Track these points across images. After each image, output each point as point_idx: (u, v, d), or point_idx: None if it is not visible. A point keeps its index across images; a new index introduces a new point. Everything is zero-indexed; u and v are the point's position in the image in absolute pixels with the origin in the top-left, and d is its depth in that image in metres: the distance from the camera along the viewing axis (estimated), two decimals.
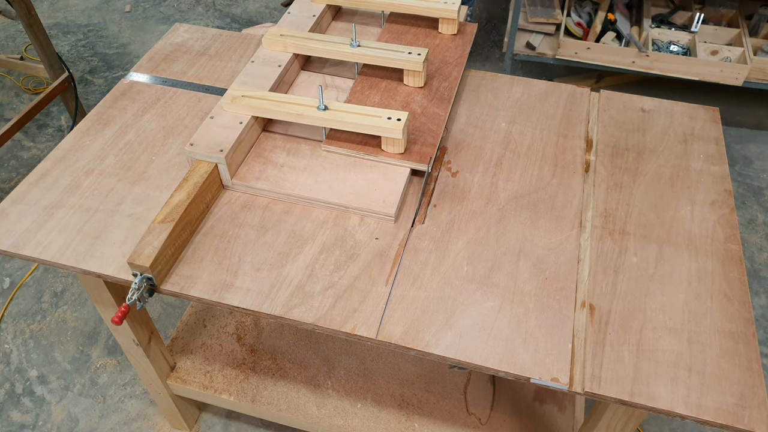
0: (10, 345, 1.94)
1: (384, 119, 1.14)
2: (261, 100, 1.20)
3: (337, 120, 1.15)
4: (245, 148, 1.20)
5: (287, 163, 1.19)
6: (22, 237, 1.08)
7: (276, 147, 1.23)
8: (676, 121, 1.34)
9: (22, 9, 2.13)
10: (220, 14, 3.45)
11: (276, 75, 1.30)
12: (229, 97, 1.21)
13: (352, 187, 1.15)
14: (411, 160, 1.17)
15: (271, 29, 1.38)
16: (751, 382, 0.91)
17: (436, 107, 1.28)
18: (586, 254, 1.08)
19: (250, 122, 1.20)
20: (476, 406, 1.48)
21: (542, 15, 2.79)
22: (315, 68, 1.42)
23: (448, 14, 1.43)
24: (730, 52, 2.58)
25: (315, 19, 1.47)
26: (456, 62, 1.39)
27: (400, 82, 1.34)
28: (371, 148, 1.19)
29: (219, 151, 1.12)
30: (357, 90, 1.32)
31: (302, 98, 1.20)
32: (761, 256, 2.22)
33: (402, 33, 1.49)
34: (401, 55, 1.29)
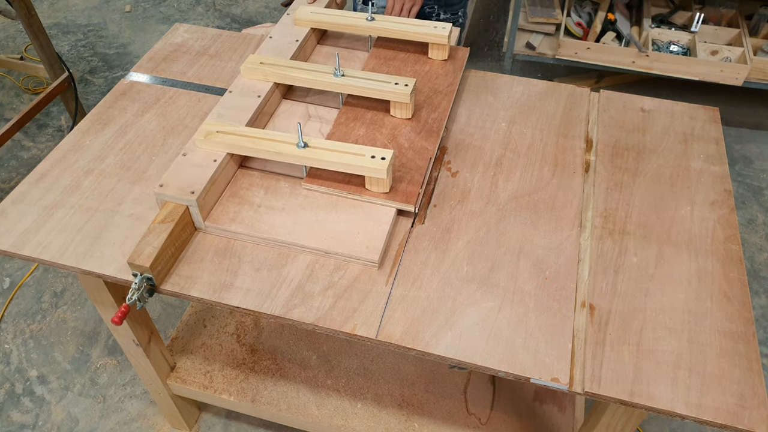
0: (10, 345, 1.94)
1: (367, 158, 1.07)
2: (236, 137, 1.12)
3: (317, 159, 1.08)
4: (220, 187, 1.12)
5: (264, 203, 1.12)
6: (22, 237, 1.08)
7: (253, 185, 1.15)
8: (676, 121, 1.34)
9: (22, 9, 2.13)
10: (220, 14, 3.45)
11: (255, 106, 1.23)
12: (203, 132, 1.13)
13: (333, 229, 1.07)
14: (396, 200, 1.10)
15: (250, 57, 1.31)
16: (751, 382, 0.91)
17: (424, 141, 1.21)
18: (586, 254, 1.08)
19: (225, 159, 1.12)
20: (476, 406, 1.48)
21: (542, 15, 2.79)
22: (298, 97, 1.35)
23: (438, 39, 1.36)
24: (730, 52, 2.58)
25: (298, 44, 1.39)
26: (446, 91, 1.32)
27: (387, 113, 1.26)
28: (354, 187, 1.12)
29: (190, 192, 1.05)
30: (341, 122, 1.25)
31: (280, 134, 1.12)
32: (761, 256, 2.22)
33: (390, 58, 1.41)
34: (387, 86, 1.22)
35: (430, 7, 1.73)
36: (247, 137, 1.12)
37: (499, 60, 3.09)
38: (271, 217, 1.09)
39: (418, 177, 1.14)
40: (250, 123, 1.21)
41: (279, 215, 1.09)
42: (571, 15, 2.78)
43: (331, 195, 1.13)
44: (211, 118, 1.20)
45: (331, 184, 1.13)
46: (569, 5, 2.82)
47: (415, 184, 1.13)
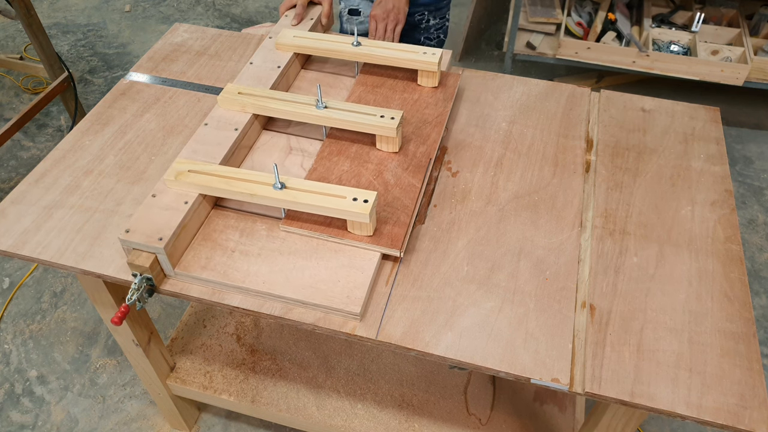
0: (10, 345, 1.94)
1: (349, 201, 1.00)
2: (209, 176, 1.05)
3: (295, 201, 1.01)
4: (191, 231, 1.05)
5: (239, 248, 1.04)
6: (21, 237, 1.07)
7: (228, 227, 1.08)
8: (677, 121, 1.34)
9: (22, 9, 2.13)
10: (220, 14, 3.45)
11: (231, 140, 1.16)
12: (174, 172, 1.06)
13: (312, 277, 1.00)
14: (381, 244, 1.03)
15: (228, 86, 1.24)
16: (751, 382, 0.91)
17: (411, 177, 1.14)
18: (587, 254, 1.07)
19: (198, 200, 1.05)
20: (476, 407, 1.48)
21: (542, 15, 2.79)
22: (279, 127, 1.28)
23: (427, 67, 1.29)
24: (731, 52, 2.58)
25: (280, 70, 1.32)
26: (435, 122, 1.25)
27: (373, 147, 1.20)
28: (336, 230, 1.05)
29: (158, 239, 0.98)
30: (324, 156, 1.18)
31: (256, 174, 1.05)
32: (762, 256, 2.22)
33: (377, 85, 1.34)
34: (373, 119, 1.15)
35: (420, 14, 1.70)
36: (220, 177, 1.05)
37: (499, 60, 3.09)
38: (245, 263, 1.02)
39: (405, 218, 1.07)
40: (226, 159, 1.14)
41: (254, 261, 1.02)
42: (571, 15, 2.78)
43: (311, 238, 1.06)
44: (184, 154, 1.13)
45: (311, 226, 1.05)
46: (569, 5, 2.82)
47: (401, 225, 1.06)
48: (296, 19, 1.46)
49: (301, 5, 1.47)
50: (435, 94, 1.32)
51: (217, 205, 1.12)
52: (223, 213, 1.11)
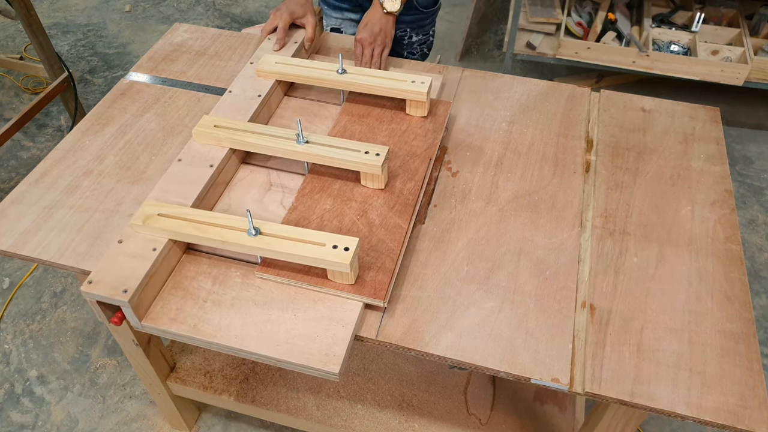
0: (10, 345, 1.94)
1: (329, 248, 0.93)
2: (179, 221, 0.99)
3: (270, 249, 0.94)
4: (161, 279, 0.99)
5: (211, 297, 0.98)
6: (21, 237, 1.07)
7: (200, 273, 1.01)
8: (677, 121, 1.34)
9: (22, 9, 2.13)
10: (220, 14, 3.45)
11: (206, 178, 1.09)
12: (142, 216, 1.00)
13: (289, 332, 0.93)
14: (363, 294, 0.96)
15: (204, 118, 1.17)
16: (751, 382, 0.91)
17: (397, 217, 1.07)
18: (587, 254, 1.07)
19: (168, 246, 0.99)
20: (476, 407, 1.48)
21: (542, 15, 2.79)
22: (258, 161, 1.20)
23: (416, 96, 1.23)
24: (731, 52, 2.58)
25: (260, 99, 1.25)
26: (424, 155, 1.18)
27: (357, 183, 1.13)
28: (315, 278, 0.98)
29: (123, 291, 0.91)
30: (305, 193, 1.12)
31: (229, 219, 0.99)
32: (762, 257, 2.22)
33: (363, 115, 1.27)
34: (357, 155, 1.08)
35: (402, 30, 1.67)
36: (191, 222, 0.98)
37: (499, 60, 3.09)
38: (217, 315, 0.96)
39: (390, 263, 1.00)
40: (200, 198, 1.08)
41: (227, 313, 0.96)
42: (571, 15, 2.78)
43: (289, 285, 0.99)
44: (155, 194, 1.07)
45: (288, 273, 0.99)
46: (569, 5, 2.82)
47: (386, 272, 0.99)
48: (278, 45, 1.39)
49: (283, 29, 1.40)
50: (424, 125, 1.25)
51: (189, 249, 1.05)
52: (195, 258, 1.04)
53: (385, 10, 1.37)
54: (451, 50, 3.14)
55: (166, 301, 0.98)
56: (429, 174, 1.16)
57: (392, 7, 1.37)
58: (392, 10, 1.37)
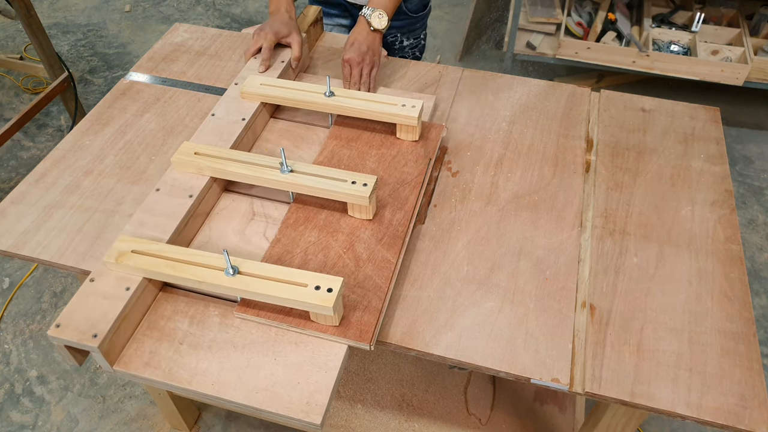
0: (10, 345, 1.94)
1: (311, 290, 0.88)
2: (154, 259, 0.93)
3: (249, 290, 0.90)
4: (134, 320, 0.93)
5: (188, 338, 0.92)
6: (21, 237, 1.07)
7: (177, 312, 0.96)
8: (677, 121, 1.34)
9: (22, 9, 2.13)
10: (220, 14, 3.45)
11: (185, 210, 1.04)
12: (115, 253, 0.94)
13: (268, 378, 0.87)
14: (348, 336, 0.91)
15: (184, 145, 1.12)
16: (751, 382, 0.91)
17: (386, 250, 1.02)
18: (587, 254, 1.07)
19: (142, 285, 0.93)
20: (476, 407, 1.48)
21: (542, 15, 2.79)
22: (241, 189, 1.15)
23: (406, 121, 1.18)
24: (731, 52, 2.58)
25: (244, 123, 1.20)
26: (414, 182, 1.13)
27: (344, 213, 1.08)
28: (297, 319, 0.93)
29: (92, 336, 0.86)
30: (289, 224, 1.07)
31: (207, 256, 0.93)
32: (762, 256, 2.22)
33: (352, 139, 1.22)
34: (343, 185, 1.03)
35: (393, 36, 1.66)
36: (166, 260, 0.93)
37: (499, 60, 3.09)
38: (194, 359, 0.90)
39: (377, 302, 0.95)
40: (178, 232, 1.02)
41: (204, 356, 0.90)
42: (571, 15, 2.78)
43: (270, 326, 0.94)
44: (130, 228, 1.01)
45: (269, 314, 0.93)
46: (569, 5, 2.82)
47: (373, 312, 0.93)
48: (263, 66, 1.32)
49: (268, 49, 1.33)
50: (415, 149, 1.20)
51: (166, 285, 1.00)
52: (172, 296, 0.98)
53: (372, 28, 1.30)
54: (451, 50, 3.14)
55: (140, 343, 0.92)
56: (419, 204, 1.11)
57: (379, 24, 1.30)
58: (379, 27, 1.30)
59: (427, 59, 3.03)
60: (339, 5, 1.66)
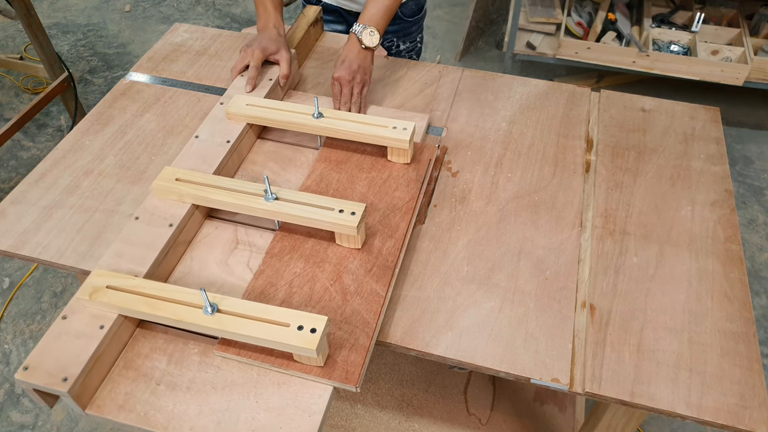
0: (10, 345, 1.94)
1: (293, 330, 0.83)
2: (130, 295, 0.89)
3: (228, 330, 0.85)
4: (109, 359, 0.88)
5: (165, 378, 0.88)
6: (21, 237, 1.07)
7: (155, 349, 0.91)
8: (677, 121, 1.34)
9: (22, 9, 2.13)
10: (220, 14, 3.45)
11: (164, 240, 0.99)
12: (89, 288, 0.89)
13: (249, 423, 0.83)
14: (333, 378, 0.86)
15: (165, 170, 1.06)
16: (751, 382, 0.91)
17: (375, 282, 0.98)
18: (587, 254, 1.07)
19: (118, 322, 0.89)
20: (476, 407, 1.48)
21: (542, 15, 2.79)
22: (225, 215, 1.10)
23: (397, 144, 1.14)
24: (731, 52, 2.58)
25: (229, 146, 1.15)
26: (405, 208, 1.09)
27: (331, 242, 1.04)
28: (279, 359, 0.88)
29: (62, 380, 0.81)
30: (274, 253, 1.02)
31: (185, 293, 0.89)
32: (762, 256, 2.22)
33: (341, 161, 1.18)
34: (330, 214, 0.99)
35: (389, 41, 1.65)
36: (143, 296, 0.89)
37: (499, 60, 3.09)
38: (171, 400, 0.86)
39: (364, 339, 0.90)
40: (158, 263, 0.98)
41: (182, 398, 0.86)
42: (571, 15, 2.78)
43: (252, 366, 0.89)
44: (106, 260, 0.96)
45: (251, 353, 0.89)
46: (569, 5, 2.82)
47: (360, 350, 0.89)
48: (249, 85, 1.27)
49: (255, 68, 1.28)
50: (407, 172, 1.16)
51: (144, 322, 0.95)
52: (150, 332, 0.94)
53: (363, 45, 1.26)
54: (451, 50, 3.14)
55: (116, 383, 0.87)
56: (411, 230, 1.08)
57: (371, 42, 1.26)
58: (371, 45, 1.26)
59: (427, 59, 3.03)
60: (335, 11, 1.66)
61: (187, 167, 1.11)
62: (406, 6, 1.59)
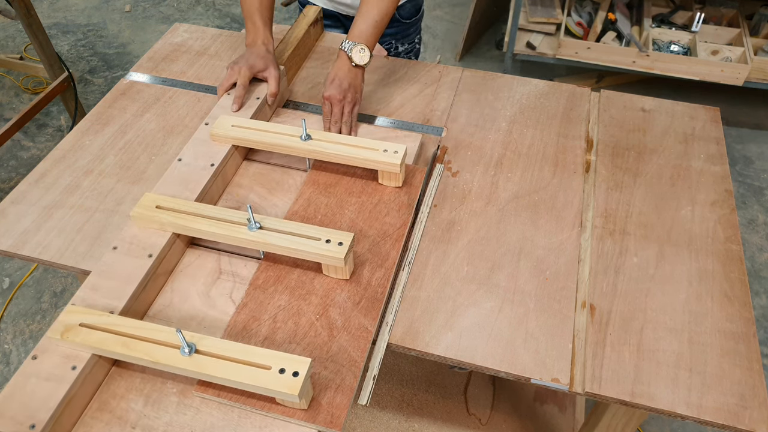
0: (10, 345, 1.94)
1: (274, 373, 0.80)
2: (104, 334, 0.85)
3: (206, 373, 0.82)
4: (82, 402, 0.84)
5: (142, 421, 0.84)
6: (21, 237, 1.07)
7: (132, 389, 0.87)
8: (677, 121, 1.34)
9: (22, 9, 2.13)
10: (220, 14, 3.45)
11: (143, 272, 0.95)
12: (61, 327, 0.85)
13: None
14: (317, 422, 0.83)
15: (145, 197, 1.03)
16: (751, 382, 0.91)
17: (363, 316, 0.95)
18: (587, 254, 1.07)
19: (92, 362, 0.84)
20: (476, 407, 1.48)
21: (542, 15, 2.79)
22: (208, 243, 1.07)
23: (388, 168, 1.11)
24: (731, 52, 2.58)
25: (213, 169, 1.11)
26: (396, 235, 1.06)
27: (318, 272, 1.01)
28: (261, 402, 0.85)
29: (30, 427, 0.77)
30: (258, 285, 0.99)
31: (162, 331, 0.85)
32: (762, 256, 2.22)
33: (331, 185, 1.15)
34: (316, 245, 0.95)
35: (387, 43, 1.65)
36: (118, 335, 0.85)
37: (499, 60, 3.09)
38: None
39: (351, 379, 0.87)
40: (135, 297, 0.94)
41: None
42: (571, 15, 2.78)
43: (233, 407, 0.86)
44: (80, 294, 0.92)
45: (231, 395, 0.85)
46: (570, 5, 2.82)
47: (346, 392, 0.86)
48: (236, 105, 1.23)
49: (242, 86, 1.24)
50: (398, 197, 1.13)
51: (118, 363, 0.91)
52: (126, 371, 0.90)
53: (353, 63, 1.22)
54: (451, 50, 3.14)
55: (88, 427, 0.83)
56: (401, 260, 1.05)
57: (361, 60, 1.22)
58: (361, 63, 1.23)
59: (427, 59, 3.03)
60: (332, 16, 1.66)
61: (169, 193, 1.08)
62: (403, 8, 1.58)
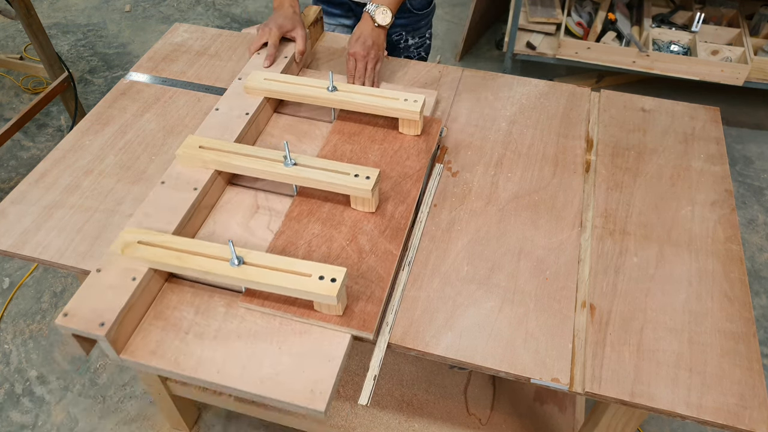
0: (10, 345, 1.94)
1: (314, 279, 0.89)
2: (160, 249, 0.95)
3: (253, 281, 0.91)
4: (141, 310, 0.95)
5: (194, 328, 0.94)
6: (21, 237, 1.07)
7: (183, 302, 0.97)
8: (677, 121, 1.34)
9: (22, 9, 2.13)
10: (220, 14, 3.45)
11: (189, 203, 1.05)
12: (121, 243, 0.96)
13: (272, 367, 0.89)
14: (351, 326, 0.92)
15: (189, 138, 1.13)
16: (751, 382, 0.91)
17: (388, 242, 1.04)
18: (587, 254, 1.07)
19: (148, 275, 0.94)
20: (476, 407, 1.48)
21: (542, 15, 2.79)
22: (245, 182, 1.16)
23: (408, 115, 1.20)
24: (731, 52, 2.58)
25: (248, 118, 1.21)
26: (416, 177, 1.15)
27: (347, 206, 1.10)
28: (300, 309, 0.94)
29: (99, 325, 0.87)
30: (293, 216, 1.08)
31: (212, 247, 0.95)
32: (762, 256, 2.22)
33: (355, 133, 1.24)
34: (346, 178, 1.05)
35: (398, 35, 1.67)
36: (172, 251, 0.94)
37: (499, 60, 3.09)
38: (199, 347, 0.91)
39: (380, 292, 0.97)
40: (183, 224, 1.03)
41: (209, 345, 0.92)
42: (571, 15, 2.78)
43: (274, 316, 0.95)
44: (135, 220, 1.03)
45: (273, 304, 0.94)
46: (570, 5, 2.82)
47: (376, 302, 0.95)
48: (268, 60, 1.34)
49: (273, 45, 1.35)
50: (417, 144, 1.22)
51: (172, 277, 1.01)
52: (178, 286, 1.00)
53: (376, 24, 1.32)
54: (451, 50, 3.14)
55: (147, 332, 0.93)
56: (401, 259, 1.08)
57: (383, 20, 1.32)
58: (383, 24, 1.32)
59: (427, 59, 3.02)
60: (342, 4, 1.66)
61: (209, 137, 1.16)
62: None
